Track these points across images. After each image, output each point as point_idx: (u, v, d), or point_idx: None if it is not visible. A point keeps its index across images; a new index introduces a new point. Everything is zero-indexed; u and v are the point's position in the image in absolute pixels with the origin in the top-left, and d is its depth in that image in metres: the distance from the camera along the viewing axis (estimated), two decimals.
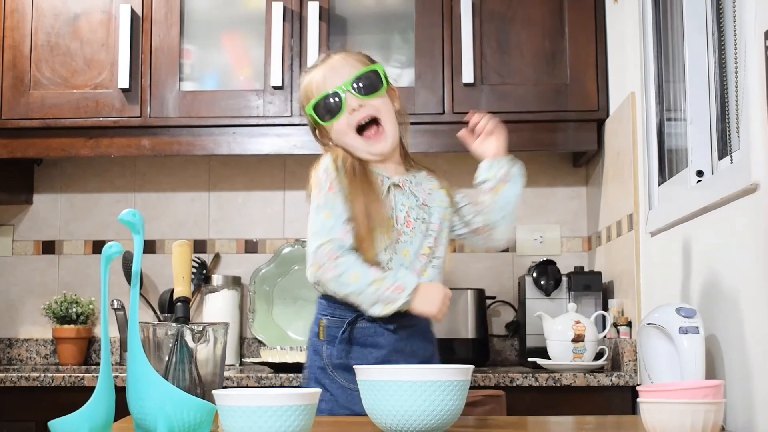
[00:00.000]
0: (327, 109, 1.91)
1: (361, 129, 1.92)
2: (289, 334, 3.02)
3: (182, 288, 1.54)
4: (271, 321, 3.04)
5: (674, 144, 2.22)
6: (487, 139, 1.99)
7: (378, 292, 1.81)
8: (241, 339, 3.05)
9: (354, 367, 1.45)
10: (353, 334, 1.89)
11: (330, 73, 1.92)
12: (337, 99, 1.90)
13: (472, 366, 1.45)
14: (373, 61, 1.98)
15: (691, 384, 1.47)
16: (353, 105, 1.89)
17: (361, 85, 1.90)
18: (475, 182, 2.01)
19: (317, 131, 2.00)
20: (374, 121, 1.92)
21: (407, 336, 1.91)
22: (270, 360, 2.58)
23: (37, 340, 3.11)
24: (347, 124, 1.91)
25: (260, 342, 3.02)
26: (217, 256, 3.11)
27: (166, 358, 1.45)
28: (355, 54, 1.98)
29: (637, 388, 1.46)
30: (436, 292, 1.85)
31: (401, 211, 1.91)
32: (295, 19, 2.78)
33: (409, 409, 1.35)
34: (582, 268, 2.81)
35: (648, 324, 1.79)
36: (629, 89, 2.43)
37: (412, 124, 2.70)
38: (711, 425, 1.35)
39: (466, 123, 2.02)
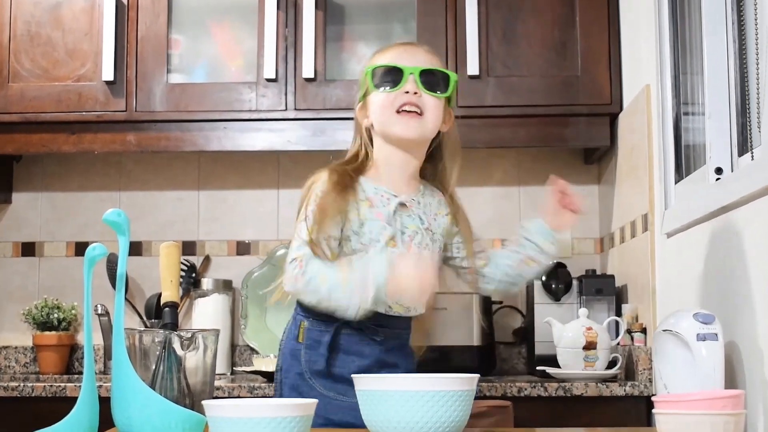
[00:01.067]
0: (385, 78, 1.94)
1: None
2: None
3: (170, 292, 1.54)
4: (264, 327, 3.04)
5: (692, 139, 2.22)
6: (566, 213, 2.02)
7: (348, 290, 1.78)
8: (233, 346, 3.05)
9: (353, 376, 1.45)
10: (338, 341, 1.90)
11: (407, 54, 1.97)
12: (399, 75, 1.93)
13: (478, 375, 1.45)
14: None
15: (709, 394, 1.47)
16: (410, 88, 1.92)
17: (428, 78, 1.94)
18: (519, 233, 2.03)
19: (360, 105, 2.01)
20: (417, 113, 1.95)
21: (391, 348, 1.94)
22: (263, 369, 2.59)
23: (16, 347, 3.11)
24: (392, 101, 1.93)
25: (253, 349, 3.02)
26: (207, 259, 3.11)
27: (153, 367, 1.45)
28: (438, 57, 2.02)
29: (653, 398, 1.46)
30: (410, 281, 1.76)
31: (404, 233, 1.93)
32: (289, 8, 2.78)
33: (411, 420, 1.35)
34: (594, 271, 2.81)
35: (664, 330, 1.79)
36: (644, 81, 2.44)
37: None
38: None
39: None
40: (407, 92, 1.92)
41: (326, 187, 1.89)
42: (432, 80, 1.94)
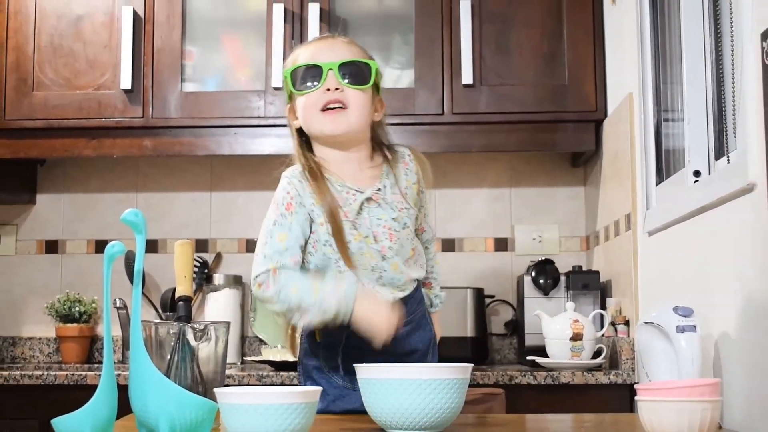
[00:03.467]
0: (305, 78, 1.81)
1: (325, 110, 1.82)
2: None
3: (184, 287, 1.54)
4: (272, 320, 3.04)
5: (672, 144, 2.22)
6: None
7: (317, 297, 1.69)
8: (243, 337, 3.05)
9: (354, 366, 1.45)
10: (351, 341, 1.77)
11: (324, 49, 1.83)
12: (318, 73, 1.80)
13: (471, 364, 1.45)
14: (372, 58, 1.88)
15: (688, 382, 1.47)
16: (331, 85, 1.79)
17: (348, 71, 1.80)
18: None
19: (289, 107, 1.90)
20: (341, 108, 1.81)
21: (407, 333, 1.83)
22: (271, 359, 2.59)
23: (40, 338, 3.11)
24: (316, 101, 1.80)
25: (261, 340, 3.02)
26: (218, 256, 3.11)
27: (168, 357, 1.45)
28: (358, 46, 1.87)
29: (635, 386, 1.46)
30: (381, 314, 1.68)
31: (379, 226, 1.79)
32: (295, 21, 2.78)
33: (408, 406, 1.35)
34: (580, 267, 2.81)
35: (646, 323, 1.79)
36: (627, 90, 2.43)
37: (411, 125, 2.73)
38: (708, 423, 1.35)
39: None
40: (329, 89, 1.79)
41: (298, 188, 1.78)
42: (353, 72, 1.80)
